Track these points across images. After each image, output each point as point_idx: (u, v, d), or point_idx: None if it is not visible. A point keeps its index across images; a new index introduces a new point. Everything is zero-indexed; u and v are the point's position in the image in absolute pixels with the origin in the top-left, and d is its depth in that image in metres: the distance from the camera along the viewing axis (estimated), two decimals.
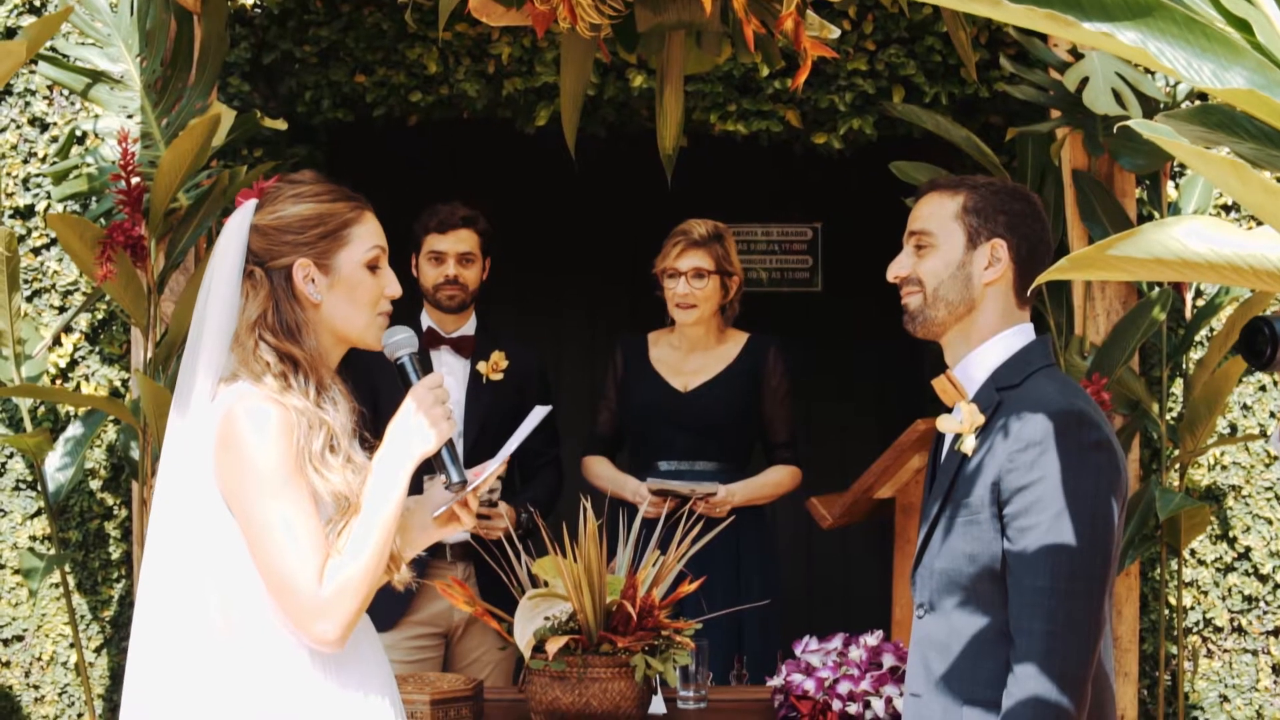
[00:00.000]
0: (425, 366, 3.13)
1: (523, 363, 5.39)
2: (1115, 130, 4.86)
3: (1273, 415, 5.41)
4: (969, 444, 3.11)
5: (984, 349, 3.19)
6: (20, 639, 5.34)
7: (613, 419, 5.62)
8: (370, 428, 3.09)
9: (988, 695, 3.04)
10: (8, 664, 5.34)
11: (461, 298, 5.29)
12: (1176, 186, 5.35)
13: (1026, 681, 2.94)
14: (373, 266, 3.05)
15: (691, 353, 5.48)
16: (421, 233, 5.32)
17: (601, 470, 5.55)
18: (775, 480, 5.50)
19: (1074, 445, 3.00)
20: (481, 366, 5.29)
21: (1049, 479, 2.98)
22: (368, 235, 3.06)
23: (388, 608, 5.04)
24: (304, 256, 2.99)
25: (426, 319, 5.35)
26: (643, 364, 5.54)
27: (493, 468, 3.16)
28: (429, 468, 3.06)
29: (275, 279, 2.99)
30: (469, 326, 5.38)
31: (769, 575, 5.41)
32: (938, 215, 3.25)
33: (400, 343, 3.10)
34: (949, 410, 3.22)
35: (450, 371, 5.28)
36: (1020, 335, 3.21)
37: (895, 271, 3.29)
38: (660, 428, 5.43)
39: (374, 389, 4.38)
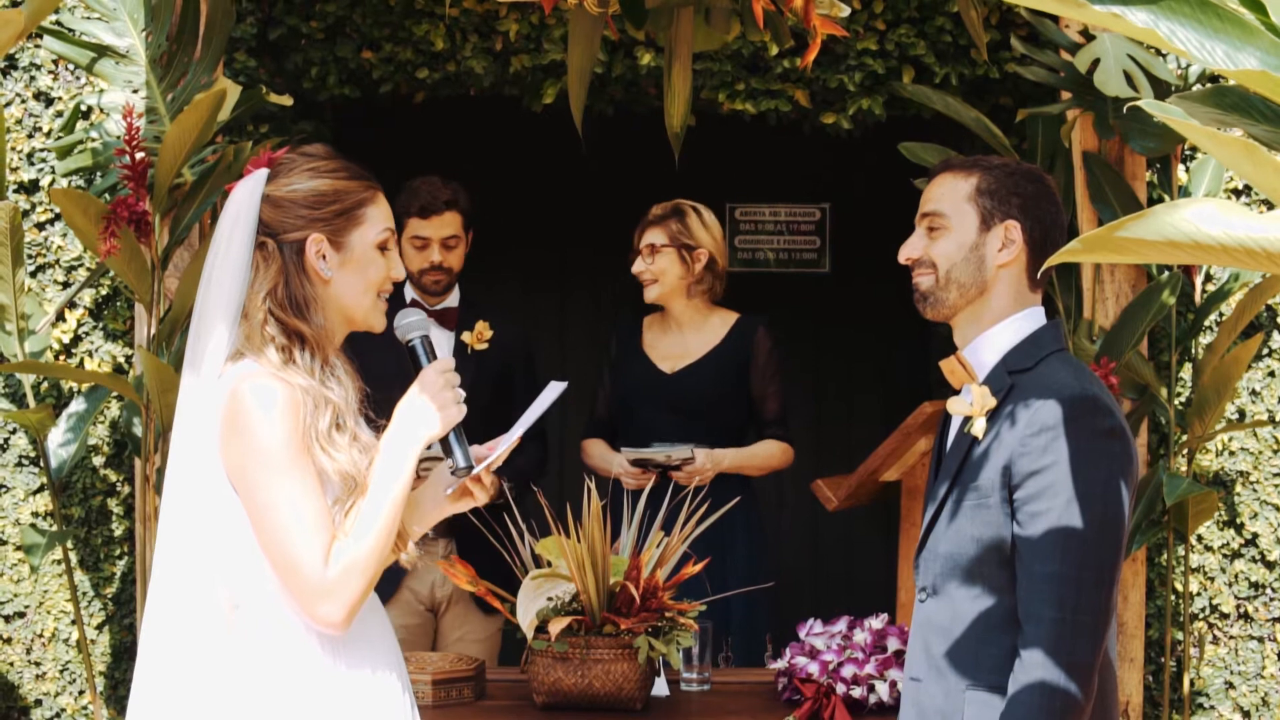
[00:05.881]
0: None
1: (505, 335, 5.36)
2: (1126, 111, 4.83)
3: None
4: (979, 427, 3.09)
5: (995, 331, 3.17)
6: (22, 615, 5.33)
7: (608, 402, 5.63)
8: (374, 408, 3.07)
9: (990, 680, 3.03)
10: (9, 641, 5.33)
11: (447, 281, 5.29)
12: (1187, 170, 5.32)
13: (1034, 668, 2.92)
14: (383, 248, 3.04)
15: (680, 334, 5.50)
16: (402, 215, 5.20)
17: (595, 451, 5.56)
18: (765, 452, 5.45)
19: (1087, 431, 2.97)
20: (466, 337, 5.27)
21: (1061, 464, 2.95)
22: (380, 216, 3.05)
23: (378, 588, 5.03)
24: (317, 231, 2.97)
25: (410, 291, 5.32)
26: (634, 347, 5.57)
27: (506, 444, 3.14)
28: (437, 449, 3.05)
29: (287, 252, 2.97)
30: (452, 299, 5.37)
31: (756, 556, 5.38)
32: (950, 196, 3.22)
33: (412, 325, 3.09)
34: (957, 393, 3.20)
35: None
36: (1032, 318, 3.18)
37: (907, 253, 3.27)
38: (645, 410, 5.43)
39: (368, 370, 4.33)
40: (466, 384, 5.23)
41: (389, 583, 5.11)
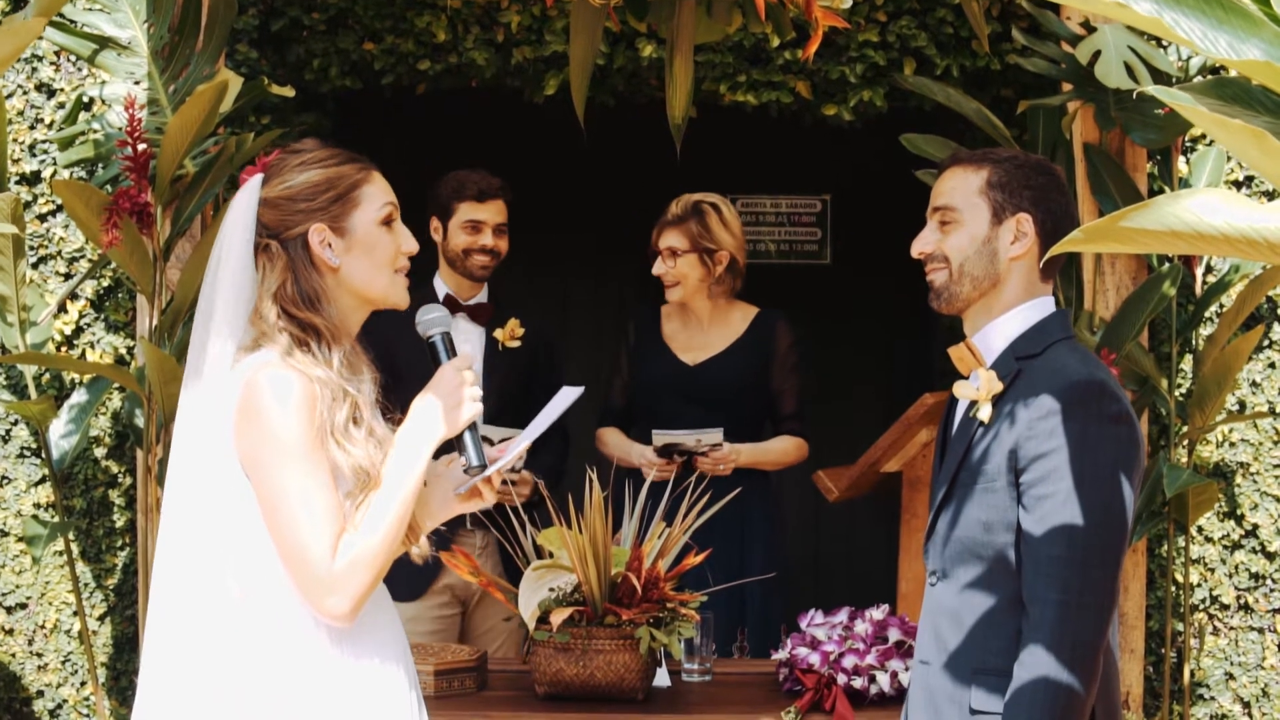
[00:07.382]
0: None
1: (532, 330, 5.37)
2: (1134, 97, 4.83)
3: None
4: (985, 412, 3.10)
5: (1004, 319, 3.17)
6: (24, 607, 5.34)
7: (625, 390, 5.62)
8: (390, 396, 3.06)
9: (998, 664, 3.03)
10: (11, 632, 5.34)
11: (494, 266, 5.28)
12: (1188, 161, 5.32)
13: (1038, 650, 2.93)
14: (387, 223, 3.03)
15: (700, 327, 5.49)
16: (455, 199, 5.25)
17: (611, 439, 5.55)
18: (781, 448, 5.47)
19: (1094, 416, 2.98)
20: (498, 333, 5.27)
21: (1067, 448, 2.96)
22: (378, 193, 3.04)
23: (412, 578, 5.00)
24: (318, 222, 2.97)
25: (443, 285, 5.32)
26: (654, 337, 5.54)
27: (516, 449, 3.12)
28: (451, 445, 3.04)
29: (292, 249, 2.97)
30: (483, 294, 5.35)
31: (774, 547, 5.40)
32: (961, 190, 3.22)
33: (433, 321, 3.07)
34: (963, 379, 3.20)
35: (467, 338, 5.24)
36: (1040, 307, 3.19)
37: (919, 248, 3.27)
38: (668, 401, 5.44)
39: (393, 359, 4.30)
40: (498, 380, 5.23)
41: (425, 577, 5.11)
